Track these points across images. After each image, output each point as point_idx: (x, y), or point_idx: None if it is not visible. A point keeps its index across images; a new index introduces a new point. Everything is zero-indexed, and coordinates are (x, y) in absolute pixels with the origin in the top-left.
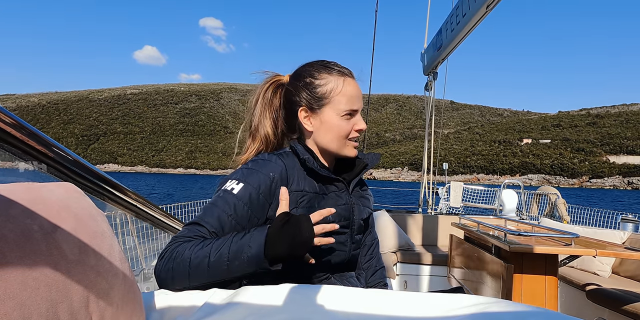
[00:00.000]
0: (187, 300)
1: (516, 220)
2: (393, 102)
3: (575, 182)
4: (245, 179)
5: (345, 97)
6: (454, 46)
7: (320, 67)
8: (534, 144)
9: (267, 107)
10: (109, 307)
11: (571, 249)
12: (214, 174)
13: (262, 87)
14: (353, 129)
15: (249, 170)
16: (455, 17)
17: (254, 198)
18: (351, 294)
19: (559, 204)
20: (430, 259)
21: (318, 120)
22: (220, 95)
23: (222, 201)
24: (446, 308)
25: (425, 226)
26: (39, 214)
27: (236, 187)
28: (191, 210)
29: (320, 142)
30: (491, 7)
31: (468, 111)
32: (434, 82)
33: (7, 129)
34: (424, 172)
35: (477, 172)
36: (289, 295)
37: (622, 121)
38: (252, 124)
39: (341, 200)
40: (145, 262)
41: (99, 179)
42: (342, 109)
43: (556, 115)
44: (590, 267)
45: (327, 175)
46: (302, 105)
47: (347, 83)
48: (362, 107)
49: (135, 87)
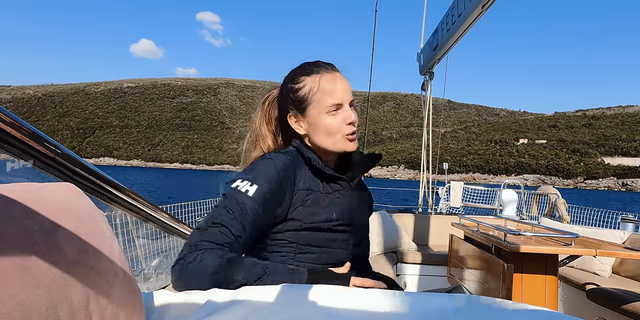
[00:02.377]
0: (187, 300)
1: (516, 220)
2: (390, 100)
3: (570, 183)
4: (257, 180)
5: (324, 94)
6: (449, 46)
7: (299, 71)
8: (530, 144)
9: (264, 119)
10: (109, 307)
11: (571, 249)
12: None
13: (260, 101)
14: (343, 122)
15: (258, 170)
16: (451, 17)
17: (268, 199)
18: (351, 294)
19: (559, 204)
20: (430, 259)
21: (306, 122)
22: (217, 90)
23: (240, 203)
24: (446, 308)
25: (426, 226)
26: (39, 214)
27: (250, 189)
28: (191, 210)
29: (315, 142)
30: (486, 7)
31: (465, 110)
32: (430, 82)
33: (7, 129)
34: (423, 171)
35: (474, 172)
36: (289, 295)
37: (617, 123)
38: (254, 135)
39: (345, 199)
40: (146, 262)
41: (99, 179)
42: (324, 106)
43: (552, 116)
44: (590, 267)
45: (332, 173)
46: (290, 112)
47: (325, 79)
48: (350, 99)
49: (131, 80)
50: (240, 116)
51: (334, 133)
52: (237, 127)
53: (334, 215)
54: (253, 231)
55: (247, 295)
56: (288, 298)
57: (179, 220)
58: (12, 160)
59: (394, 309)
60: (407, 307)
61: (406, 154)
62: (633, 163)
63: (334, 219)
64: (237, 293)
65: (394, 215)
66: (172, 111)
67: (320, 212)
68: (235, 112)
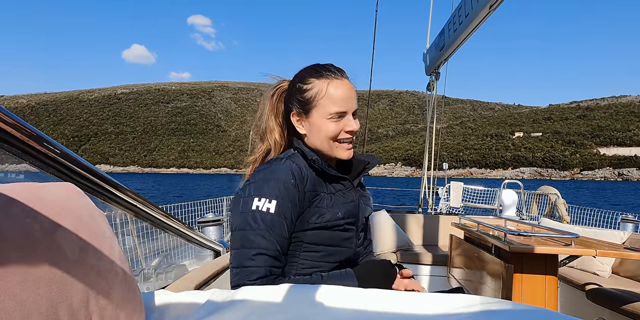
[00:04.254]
0: (187, 300)
1: (516, 220)
2: (385, 98)
3: (567, 175)
4: (273, 194)
5: (330, 100)
6: (456, 46)
7: (310, 71)
8: (526, 138)
9: (272, 112)
10: (109, 307)
11: (571, 249)
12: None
13: (269, 93)
14: (343, 130)
15: (269, 181)
16: (458, 17)
17: (286, 209)
18: (351, 293)
19: (559, 204)
20: (430, 259)
21: (308, 123)
22: (212, 94)
23: (266, 222)
24: (446, 308)
25: (425, 226)
26: (39, 213)
27: (269, 205)
28: (191, 210)
29: (313, 144)
30: (494, 8)
31: (460, 106)
32: (436, 82)
33: (7, 129)
34: (425, 170)
35: (470, 166)
36: (289, 295)
37: (611, 113)
38: (261, 127)
39: (349, 198)
40: (145, 262)
41: (99, 179)
42: (328, 112)
43: (547, 109)
44: (590, 267)
45: (335, 174)
46: (294, 110)
47: (334, 85)
48: (354, 108)
49: (125, 86)
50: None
51: (330, 139)
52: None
53: (339, 215)
54: (287, 239)
55: (247, 295)
56: (288, 298)
57: (179, 220)
58: (12, 160)
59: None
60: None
61: (402, 151)
62: (628, 153)
63: (339, 217)
64: (236, 293)
65: (394, 215)
66: (167, 116)
67: (326, 212)
68: (230, 115)
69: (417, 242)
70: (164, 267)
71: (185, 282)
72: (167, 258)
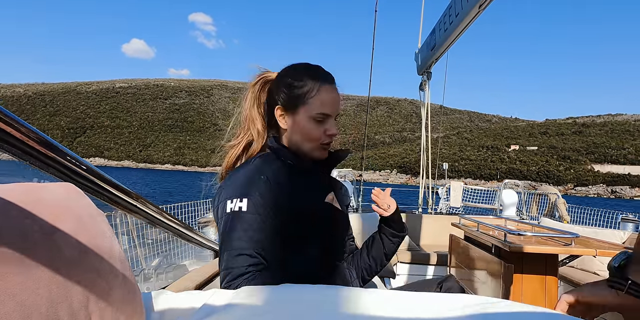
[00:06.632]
0: (187, 300)
1: (516, 220)
2: (384, 105)
3: (561, 190)
4: (244, 193)
5: (318, 101)
6: (447, 46)
7: (302, 69)
8: (521, 151)
9: (254, 101)
10: (109, 307)
11: (571, 249)
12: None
13: (252, 82)
14: (325, 133)
15: (238, 181)
16: (448, 16)
17: (258, 205)
18: (351, 293)
19: (559, 204)
20: (430, 259)
21: (291, 119)
22: (210, 92)
23: (240, 223)
24: (446, 308)
25: (425, 226)
26: (38, 214)
27: (241, 204)
28: (191, 210)
29: (291, 139)
30: (483, 7)
31: (457, 116)
32: (428, 82)
33: (7, 129)
34: (422, 171)
35: (465, 177)
36: (289, 295)
37: (607, 131)
38: (242, 115)
39: (322, 191)
40: (145, 262)
41: (99, 179)
42: (314, 112)
43: (543, 123)
44: (590, 267)
45: (309, 168)
46: (278, 104)
47: (324, 88)
48: (337, 113)
49: (124, 80)
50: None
51: (313, 140)
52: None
53: (314, 206)
54: (267, 232)
55: (247, 295)
56: (288, 298)
57: (179, 220)
58: (12, 160)
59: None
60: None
61: (399, 159)
62: (622, 171)
63: (316, 208)
64: (237, 293)
65: None
66: (164, 112)
67: (301, 204)
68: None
69: (417, 242)
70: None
71: (185, 282)
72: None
